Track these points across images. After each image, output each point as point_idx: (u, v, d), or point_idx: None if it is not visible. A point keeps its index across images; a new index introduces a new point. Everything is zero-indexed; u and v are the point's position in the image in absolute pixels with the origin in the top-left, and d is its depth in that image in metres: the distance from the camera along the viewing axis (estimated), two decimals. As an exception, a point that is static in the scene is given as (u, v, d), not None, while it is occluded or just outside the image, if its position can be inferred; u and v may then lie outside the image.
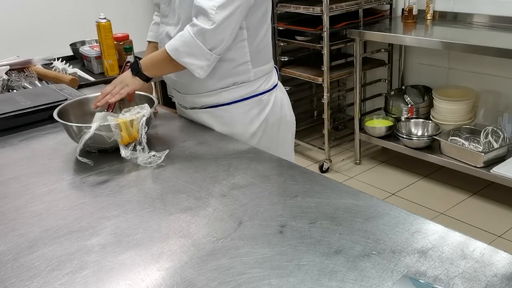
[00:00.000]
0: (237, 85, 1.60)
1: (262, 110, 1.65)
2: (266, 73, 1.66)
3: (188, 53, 1.47)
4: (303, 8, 3.17)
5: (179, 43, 1.48)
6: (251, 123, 1.63)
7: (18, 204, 1.21)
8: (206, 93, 1.61)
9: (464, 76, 3.20)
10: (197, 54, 1.47)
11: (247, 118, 1.63)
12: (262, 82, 1.64)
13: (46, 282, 0.92)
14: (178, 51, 1.48)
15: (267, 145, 1.63)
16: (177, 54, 1.48)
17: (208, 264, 0.94)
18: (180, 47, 1.47)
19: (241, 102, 1.62)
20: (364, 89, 3.64)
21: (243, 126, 1.63)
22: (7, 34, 3.05)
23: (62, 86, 1.97)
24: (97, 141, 1.39)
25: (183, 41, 1.47)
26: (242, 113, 1.62)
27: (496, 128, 2.86)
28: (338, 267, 0.90)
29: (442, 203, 2.91)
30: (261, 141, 1.65)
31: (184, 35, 1.47)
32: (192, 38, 1.45)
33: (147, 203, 1.18)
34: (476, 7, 3.05)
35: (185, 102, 1.70)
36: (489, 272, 0.87)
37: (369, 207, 1.09)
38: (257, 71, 1.62)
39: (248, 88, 1.61)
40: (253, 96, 1.63)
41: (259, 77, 1.63)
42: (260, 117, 1.64)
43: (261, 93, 1.64)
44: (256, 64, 1.61)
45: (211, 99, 1.62)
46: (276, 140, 1.70)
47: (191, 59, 1.47)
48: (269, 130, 1.67)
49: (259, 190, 1.20)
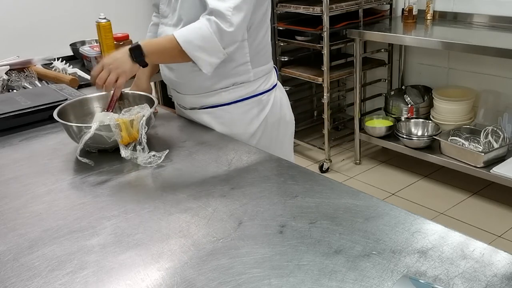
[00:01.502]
0: (237, 85, 1.60)
1: (262, 110, 1.64)
2: (266, 73, 1.65)
3: (203, 48, 1.43)
4: (303, 8, 3.17)
5: (195, 36, 1.42)
6: (250, 123, 1.63)
7: (18, 204, 1.21)
8: (206, 93, 1.61)
9: (464, 76, 3.20)
10: (211, 50, 1.44)
11: (246, 118, 1.63)
12: (261, 82, 1.64)
13: (46, 282, 0.92)
14: (192, 44, 1.42)
15: (266, 145, 1.63)
16: (190, 46, 1.42)
17: (208, 264, 0.94)
18: (196, 40, 1.42)
19: (241, 102, 1.62)
20: (364, 89, 3.63)
21: (243, 126, 1.63)
22: (7, 34, 3.05)
23: (62, 86, 1.97)
24: (97, 141, 1.39)
25: (200, 34, 1.42)
26: (242, 113, 1.62)
27: (496, 128, 2.86)
28: (338, 267, 0.90)
29: (442, 203, 2.91)
30: (261, 141, 1.65)
31: (202, 29, 1.41)
32: (211, 34, 1.41)
33: (147, 203, 1.18)
34: (476, 7, 3.05)
35: (184, 102, 1.70)
36: (489, 272, 0.87)
37: (369, 207, 1.09)
38: (256, 71, 1.61)
39: (247, 88, 1.61)
40: (253, 96, 1.62)
41: (259, 77, 1.63)
42: (259, 117, 1.64)
43: (260, 93, 1.64)
44: (255, 64, 1.60)
45: (211, 99, 1.62)
46: (275, 140, 1.70)
47: (203, 55, 1.44)
48: (269, 130, 1.67)
49: (259, 190, 1.20)
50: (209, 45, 1.42)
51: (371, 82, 3.62)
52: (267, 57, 1.66)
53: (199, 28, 1.42)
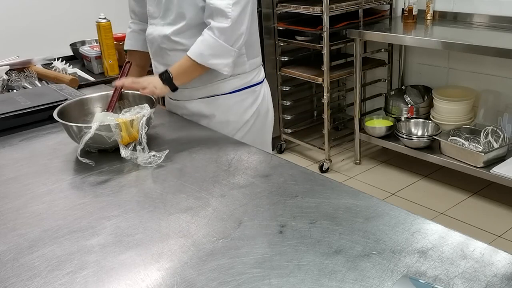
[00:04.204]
0: (233, 77, 1.68)
1: (255, 100, 1.76)
2: (258, 65, 1.77)
3: (213, 54, 1.54)
4: (303, 8, 3.17)
5: (203, 48, 1.54)
6: (245, 112, 1.74)
7: (18, 204, 1.21)
8: (204, 85, 1.68)
9: (464, 76, 3.20)
10: (222, 53, 1.55)
11: (242, 107, 1.73)
12: (255, 74, 1.75)
13: (46, 282, 0.92)
14: (204, 55, 1.54)
15: (256, 133, 1.77)
16: (203, 58, 1.55)
17: (208, 264, 0.94)
18: (204, 51, 1.54)
19: (237, 92, 1.71)
20: (364, 89, 3.63)
21: (238, 114, 1.73)
22: (7, 34, 3.05)
23: (62, 86, 1.97)
24: (97, 141, 1.39)
25: (206, 45, 1.54)
26: (238, 102, 1.72)
27: (496, 128, 2.86)
28: (338, 267, 0.90)
29: (442, 203, 2.91)
30: (252, 129, 1.76)
31: (206, 39, 1.54)
32: (215, 40, 1.52)
33: (147, 203, 1.18)
34: (476, 7, 3.05)
35: (181, 96, 1.74)
36: (489, 272, 0.87)
37: (369, 207, 1.09)
38: (251, 63, 1.72)
39: (243, 79, 1.71)
40: (248, 87, 1.73)
41: (253, 68, 1.73)
42: (253, 107, 1.75)
43: (254, 84, 1.75)
44: (250, 56, 1.71)
45: (209, 90, 1.69)
46: (262, 128, 1.82)
47: (217, 60, 1.55)
48: (259, 119, 1.78)
49: (259, 190, 1.20)
50: (219, 50, 1.54)
51: (371, 82, 3.62)
52: (257, 49, 1.76)
53: (205, 40, 1.54)
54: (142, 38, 1.80)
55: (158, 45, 1.68)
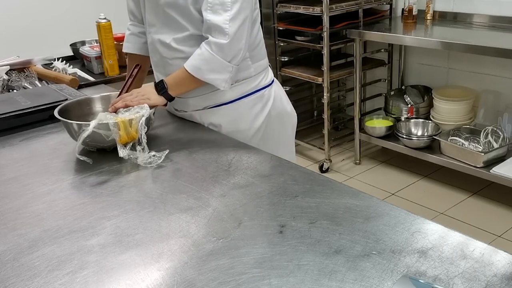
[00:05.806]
0: (239, 82, 1.63)
1: (265, 105, 1.69)
2: (264, 68, 1.71)
3: (210, 69, 1.51)
4: (303, 8, 3.17)
5: (200, 62, 1.51)
6: (255, 118, 1.68)
7: (18, 204, 1.21)
8: (209, 93, 1.62)
9: (464, 76, 3.20)
10: (219, 69, 1.51)
11: (252, 114, 1.67)
12: (262, 77, 1.69)
13: (46, 282, 0.92)
14: (201, 70, 1.52)
15: (271, 137, 1.70)
16: (200, 72, 1.52)
17: (208, 264, 0.94)
18: (202, 65, 1.51)
19: (244, 98, 1.66)
20: (364, 89, 3.63)
21: (249, 122, 1.67)
22: (7, 34, 3.05)
23: (62, 86, 1.97)
24: (95, 140, 1.39)
25: (203, 59, 1.51)
26: (247, 109, 1.66)
27: (496, 128, 2.86)
28: (338, 267, 0.90)
29: (442, 203, 2.91)
30: (265, 134, 1.69)
31: (204, 54, 1.50)
32: (212, 55, 1.49)
33: (147, 203, 1.18)
34: (476, 7, 3.05)
35: (186, 106, 1.69)
36: (489, 272, 0.87)
37: (369, 207, 1.09)
38: (256, 66, 1.66)
39: (250, 84, 1.65)
40: (255, 91, 1.67)
41: (259, 72, 1.67)
42: (263, 112, 1.69)
43: (262, 88, 1.69)
44: (254, 60, 1.65)
45: (215, 99, 1.63)
46: (278, 132, 1.75)
47: (214, 75, 1.52)
48: (272, 123, 1.72)
49: (259, 190, 1.20)
50: (215, 65, 1.51)
51: (371, 82, 3.62)
52: (263, 51, 1.71)
53: (202, 54, 1.51)
54: (142, 40, 1.77)
55: (160, 54, 1.63)
